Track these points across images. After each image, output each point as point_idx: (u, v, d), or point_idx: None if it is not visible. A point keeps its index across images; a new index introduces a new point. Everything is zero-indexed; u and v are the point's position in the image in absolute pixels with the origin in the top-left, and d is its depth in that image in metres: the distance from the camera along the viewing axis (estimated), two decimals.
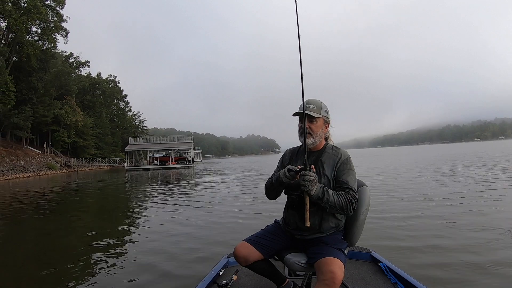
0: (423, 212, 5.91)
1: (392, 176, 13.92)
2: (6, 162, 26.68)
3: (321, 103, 1.76)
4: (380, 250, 2.67)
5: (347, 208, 1.58)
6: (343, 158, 1.71)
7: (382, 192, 8.55)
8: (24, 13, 29.67)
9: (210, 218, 6.50)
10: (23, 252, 4.85)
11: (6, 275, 3.80)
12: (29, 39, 31.91)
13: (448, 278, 2.96)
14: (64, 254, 4.63)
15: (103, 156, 46.53)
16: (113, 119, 59.01)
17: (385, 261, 2.27)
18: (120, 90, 60.63)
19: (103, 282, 3.34)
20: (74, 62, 47.60)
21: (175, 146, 44.06)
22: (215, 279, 2.10)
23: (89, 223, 7.28)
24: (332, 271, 1.44)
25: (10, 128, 31.67)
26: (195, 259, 3.91)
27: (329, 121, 1.81)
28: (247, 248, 1.73)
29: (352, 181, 1.67)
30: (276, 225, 1.89)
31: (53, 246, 5.15)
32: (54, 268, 3.89)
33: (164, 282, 3.24)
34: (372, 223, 4.88)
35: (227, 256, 2.43)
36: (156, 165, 40.83)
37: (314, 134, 1.72)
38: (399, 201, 7.28)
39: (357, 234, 1.77)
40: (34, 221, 7.68)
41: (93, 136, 46.82)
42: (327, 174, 1.69)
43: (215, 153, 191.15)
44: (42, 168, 31.09)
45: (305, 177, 1.51)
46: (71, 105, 40.66)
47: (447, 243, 3.96)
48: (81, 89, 47.19)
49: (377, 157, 41.54)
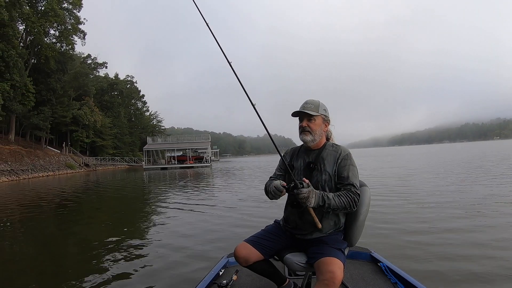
0: (426, 212, 5.82)
1: (408, 177, 12.89)
2: (26, 162, 27.35)
3: (319, 103, 1.80)
4: (380, 250, 2.66)
5: (350, 206, 1.60)
6: (344, 154, 1.73)
7: (383, 192, 8.39)
8: (42, 16, 30.36)
9: (218, 220, 6.28)
10: (40, 248, 5.01)
11: (24, 272, 3.87)
12: (47, 41, 32.63)
13: (448, 278, 2.95)
14: (75, 251, 4.85)
15: (121, 155, 47.32)
16: (131, 119, 59.97)
17: (385, 261, 2.26)
18: (137, 91, 61.59)
19: (99, 279, 3.35)
20: (92, 63, 48.66)
21: (193, 145, 44.26)
22: (215, 279, 2.10)
23: (103, 220, 7.52)
24: (332, 271, 1.45)
25: (29, 129, 32.60)
26: (196, 259, 3.87)
27: (329, 119, 1.83)
28: (247, 249, 1.73)
29: (354, 176, 1.68)
30: (276, 225, 1.91)
31: (68, 243, 5.35)
32: (67, 264, 4.10)
33: (165, 281, 3.23)
34: (372, 223, 4.86)
35: (227, 256, 2.43)
36: (174, 164, 41.07)
37: (313, 132, 1.74)
38: (399, 201, 7.18)
39: (357, 234, 1.77)
40: (53, 218, 7.88)
41: (111, 135, 47.63)
42: (328, 170, 1.70)
43: (232, 152, 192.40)
44: (61, 168, 31.76)
45: (299, 196, 1.52)
46: (89, 106, 41.49)
47: (447, 244, 3.92)
48: (99, 89, 48.17)
49: (393, 156, 39.89)
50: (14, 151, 27.02)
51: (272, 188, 1.65)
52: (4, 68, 24.88)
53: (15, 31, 25.73)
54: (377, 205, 6.36)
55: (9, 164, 25.05)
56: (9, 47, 24.93)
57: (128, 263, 3.88)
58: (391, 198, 7.47)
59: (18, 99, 27.17)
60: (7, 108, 25.53)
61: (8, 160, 25.30)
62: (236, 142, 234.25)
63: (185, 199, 9.77)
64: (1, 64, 24.53)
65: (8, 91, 25.07)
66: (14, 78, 25.73)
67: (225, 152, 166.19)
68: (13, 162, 25.72)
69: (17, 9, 26.40)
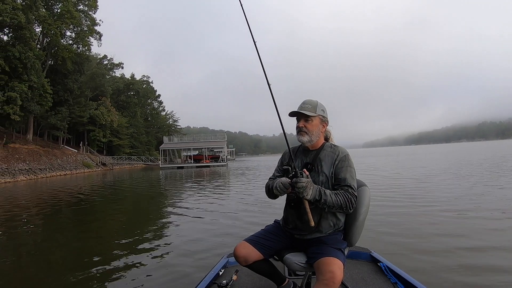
0: (428, 212, 5.77)
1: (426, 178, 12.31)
2: (44, 161, 27.99)
3: (317, 103, 1.78)
4: (380, 250, 2.66)
5: (346, 207, 1.59)
6: (342, 155, 1.72)
7: (384, 193, 8.31)
8: (58, 18, 30.95)
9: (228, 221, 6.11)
10: (58, 246, 5.08)
11: (41, 270, 3.92)
12: (63, 43, 33.30)
13: (448, 278, 2.95)
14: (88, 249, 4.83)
15: (138, 154, 47.98)
16: (147, 119, 60.81)
17: (385, 261, 2.26)
18: (153, 90, 62.39)
19: (96, 277, 3.40)
20: (108, 64, 49.54)
21: (209, 144, 44.38)
22: (215, 279, 2.09)
23: (115, 217, 7.70)
24: (332, 271, 1.45)
25: (47, 128, 33.42)
26: (197, 259, 3.87)
27: (327, 120, 1.81)
28: (247, 248, 1.73)
29: (351, 178, 1.66)
30: (276, 225, 1.90)
31: (85, 240, 5.39)
32: (84, 262, 4.02)
33: (165, 281, 3.23)
34: (372, 223, 4.87)
35: (227, 256, 2.43)
36: (190, 164, 41.42)
37: (309, 133, 1.73)
38: (401, 200, 7.16)
39: (356, 234, 1.76)
40: (67, 216, 8.09)
41: (128, 135, 48.35)
42: (325, 171, 1.69)
43: (248, 151, 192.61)
44: (78, 167, 32.38)
45: (297, 184, 1.53)
46: (106, 106, 42.23)
47: (448, 244, 3.92)
48: (115, 90, 48.96)
49: (410, 155, 38.78)
50: (32, 151, 27.69)
51: (279, 183, 1.64)
52: (22, 70, 25.46)
53: (32, 33, 26.28)
54: (377, 205, 6.30)
55: (27, 163, 25.67)
56: (26, 49, 25.46)
57: (128, 262, 3.87)
58: (393, 198, 7.40)
59: (36, 100, 27.79)
60: (25, 108, 26.13)
61: (26, 159, 25.93)
62: (252, 142, 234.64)
63: (197, 199, 9.68)
64: (19, 66, 25.10)
65: (26, 92, 25.64)
66: (32, 79, 26.29)
67: (241, 152, 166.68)
68: (31, 161, 26.35)
69: (33, 12, 26.94)
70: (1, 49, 23.92)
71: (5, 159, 23.64)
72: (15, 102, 24.47)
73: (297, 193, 1.54)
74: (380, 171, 16.83)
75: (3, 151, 24.22)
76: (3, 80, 24.01)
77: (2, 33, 25.50)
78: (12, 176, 22.71)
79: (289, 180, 1.60)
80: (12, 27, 24.55)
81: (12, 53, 24.14)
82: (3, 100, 23.73)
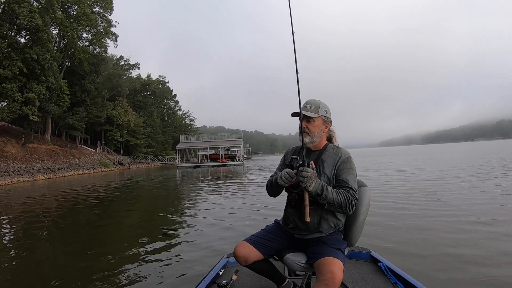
0: (428, 212, 5.78)
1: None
2: (62, 161, 28.59)
3: (320, 103, 1.76)
4: (380, 250, 2.68)
5: (346, 207, 1.58)
6: (344, 157, 1.71)
7: (384, 193, 8.24)
8: (74, 21, 31.53)
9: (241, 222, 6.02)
10: (75, 242, 5.21)
11: (58, 265, 4.09)
12: (80, 44, 33.94)
13: (448, 278, 2.95)
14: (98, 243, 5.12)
15: (155, 154, 48.50)
16: (164, 119, 61.46)
17: (385, 261, 2.27)
18: (169, 90, 62.98)
19: (93, 276, 3.45)
20: (125, 65, 50.27)
21: (225, 144, 44.35)
22: (215, 279, 2.10)
23: (128, 214, 7.85)
24: (332, 271, 1.45)
25: (65, 129, 34.21)
26: (197, 259, 3.89)
27: (330, 120, 1.80)
28: (247, 248, 1.74)
29: (352, 180, 1.66)
30: (276, 225, 1.90)
31: (101, 237, 5.58)
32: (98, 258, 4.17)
33: (165, 281, 3.25)
34: (372, 223, 4.89)
35: (227, 256, 2.43)
36: (207, 163, 41.62)
37: (311, 134, 1.73)
38: (402, 200, 7.14)
39: (356, 235, 1.76)
40: (87, 213, 8.21)
41: (144, 135, 48.90)
42: (327, 172, 1.70)
43: (264, 150, 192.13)
44: (96, 166, 32.94)
45: (302, 173, 1.53)
46: (123, 106, 42.85)
47: (448, 244, 3.91)
48: (132, 90, 49.69)
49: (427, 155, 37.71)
50: (50, 150, 28.33)
51: (284, 173, 1.63)
52: (39, 71, 26.04)
53: (49, 36, 26.79)
54: (377, 206, 6.30)
55: (46, 163, 26.24)
56: (43, 51, 26.01)
57: (128, 262, 3.89)
58: (393, 198, 7.38)
59: (54, 101, 28.39)
60: (43, 109, 26.73)
61: (44, 159, 26.53)
62: (268, 141, 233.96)
63: (210, 198, 9.66)
64: (37, 68, 25.67)
65: (44, 93, 26.21)
66: (50, 81, 26.86)
67: (257, 151, 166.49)
68: (50, 160, 26.94)
69: (50, 14, 27.50)
70: (19, 51, 24.50)
71: (23, 158, 24.23)
72: (34, 103, 25.04)
73: (300, 183, 1.53)
74: (388, 171, 16.34)
75: (22, 151, 24.86)
76: (21, 82, 24.60)
77: (19, 36, 26.16)
78: (31, 175, 23.21)
79: (294, 170, 1.60)
80: (29, 30, 25.12)
81: (30, 55, 24.69)
82: (21, 101, 24.32)
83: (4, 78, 23.14)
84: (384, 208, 6.18)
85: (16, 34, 25.64)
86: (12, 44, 24.28)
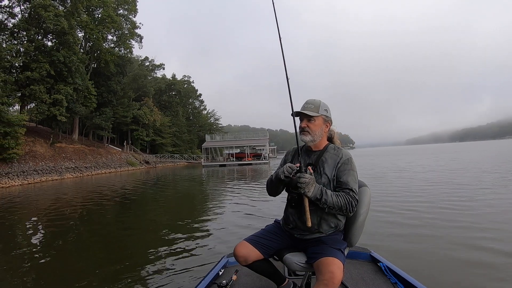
0: (429, 211, 5.76)
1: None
2: (89, 160, 29.39)
3: (320, 103, 1.77)
4: (380, 250, 2.66)
5: (346, 209, 1.58)
6: (344, 158, 1.71)
7: (385, 193, 8.20)
8: (99, 23, 32.38)
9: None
10: (99, 241, 5.33)
11: (81, 264, 4.13)
12: (106, 46, 34.83)
13: (448, 278, 2.94)
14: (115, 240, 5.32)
15: (180, 153, 48.99)
16: (189, 118, 62.11)
17: (385, 261, 2.26)
18: (194, 90, 63.57)
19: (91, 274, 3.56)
20: (150, 66, 51.22)
21: (251, 142, 44.19)
22: (215, 279, 2.10)
23: (152, 213, 7.85)
24: (331, 271, 1.44)
25: (92, 128, 35.28)
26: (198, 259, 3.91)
27: (330, 120, 1.80)
28: (246, 248, 1.73)
29: (353, 181, 1.66)
30: (276, 225, 1.89)
31: (124, 236, 5.64)
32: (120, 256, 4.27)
33: (165, 281, 3.25)
34: (372, 223, 4.87)
35: (227, 256, 2.44)
36: (232, 161, 41.78)
37: (312, 133, 1.73)
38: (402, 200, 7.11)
39: (356, 235, 1.75)
40: (114, 211, 8.44)
41: (170, 134, 49.52)
42: (327, 173, 1.69)
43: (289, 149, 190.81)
44: (122, 165, 33.64)
45: (300, 179, 1.53)
46: (148, 106, 43.61)
47: (449, 244, 3.89)
48: (157, 90, 50.54)
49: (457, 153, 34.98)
50: (78, 150, 29.22)
51: (286, 167, 1.63)
52: (67, 73, 26.86)
53: (75, 38, 27.58)
54: (378, 205, 6.26)
55: (73, 162, 27.05)
56: (70, 53, 26.78)
57: (128, 262, 3.92)
58: (394, 199, 7.30)
59: (81, 101, 29.26)
60: (71, 110, 27.58)
61: (72, 158, 27.36)
62: (293, 139, 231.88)
63: (232, 198, 9.58)
64: (64, 69, 26.49)
65: (72, 94, 27.01)
66: (77, 82, 27.66)
67: (282, 149, 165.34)
68: (77, 160, 27.75)
69: (75, 18, 28.28)
70: (47, 54, 25.37)
71: (52, 158, 25.07)
72: (61, 104, 25.85)
73: (299, 189, 1.53)
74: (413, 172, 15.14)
75: (50, 150, 25.75)
76: (49, 84, 25.47)
77: (46, 39, 27.10)
78: (59, 174, 23.95)
79: (297, 164, 1.62)
80: (56, 33, 25.92)
81: (57, 58, 25.48)
82: (49, 102, 25.18)
83: (32, 80, 24.02)
84: (385, 208, 6.16)
85: (43, 37, 26.59)
86: (39, 47, 25.15)
